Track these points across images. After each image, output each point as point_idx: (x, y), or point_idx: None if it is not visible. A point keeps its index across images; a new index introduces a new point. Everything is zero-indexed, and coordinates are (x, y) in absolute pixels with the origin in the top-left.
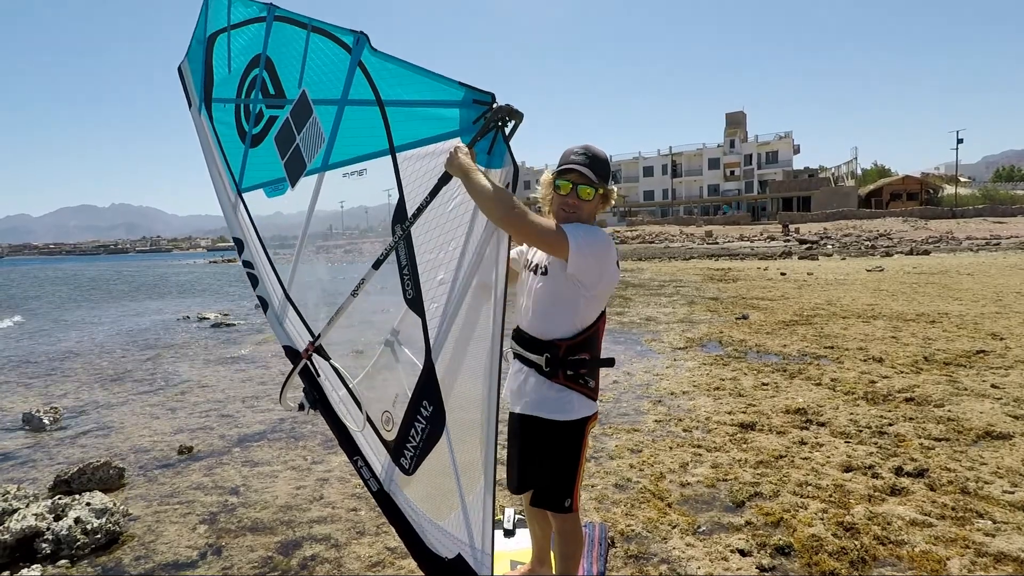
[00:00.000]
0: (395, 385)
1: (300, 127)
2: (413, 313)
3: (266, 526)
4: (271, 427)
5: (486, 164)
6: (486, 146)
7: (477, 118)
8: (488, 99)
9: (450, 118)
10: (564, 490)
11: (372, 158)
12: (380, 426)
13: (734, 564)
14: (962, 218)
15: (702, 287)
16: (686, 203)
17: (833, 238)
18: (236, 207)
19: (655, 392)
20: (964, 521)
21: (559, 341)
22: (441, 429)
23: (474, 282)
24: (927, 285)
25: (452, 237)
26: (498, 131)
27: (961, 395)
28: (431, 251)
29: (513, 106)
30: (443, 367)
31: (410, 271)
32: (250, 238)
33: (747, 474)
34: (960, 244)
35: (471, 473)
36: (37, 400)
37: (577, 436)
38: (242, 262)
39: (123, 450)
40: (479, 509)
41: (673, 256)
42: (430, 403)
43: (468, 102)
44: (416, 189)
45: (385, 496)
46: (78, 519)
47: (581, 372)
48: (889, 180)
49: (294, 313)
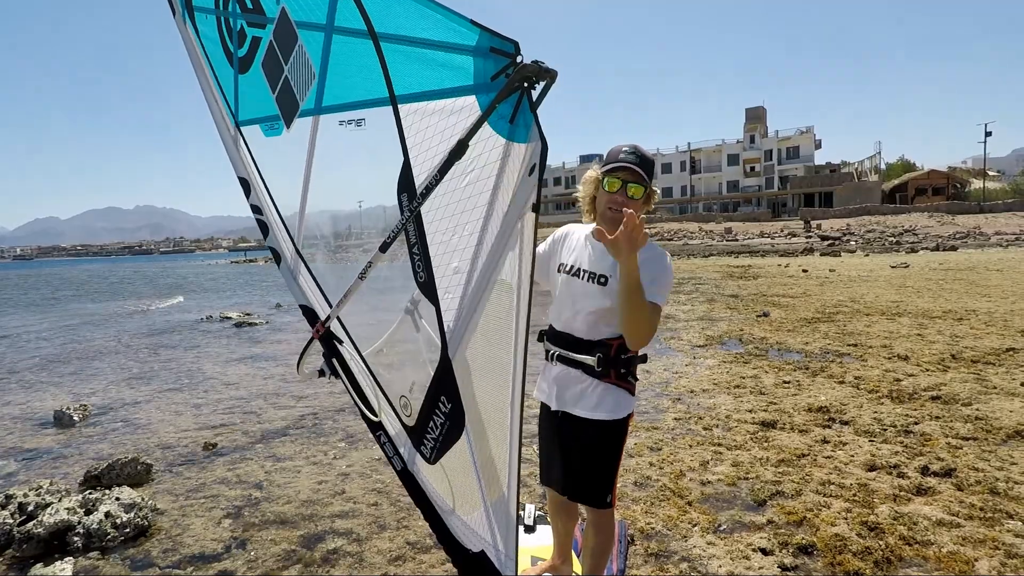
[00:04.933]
0: (413, 370)
1: (287, 55)
2: (426, 299)
3: (289, 520)
4: (293, 423)
5: (507, 135)
6: (508, 111)
7: (496, 73)
8: (510, 49)
9: (462, 68)
10: (606, 486)
11: (370, 106)
12: (399, 410)
13: (756, 563)
14: (990, 213)
15: (722, 284)
16: (705, 200)
17: (856, 234)
18: (237, 142)
19: (674, 390)
20: (993, 522)
21: (610, 340)
22: (461, 428)
23: (494, 278)
24: (954, 282)
25: (467, 220)
26: (524, 94)
27: (990, 393)
28: (443, 233)
29: (543, 63)
30: (461, 365)
31: (420, 251)
32: (255, 179)
33: (768, 473)
34: (988, 239)
35: (493, 476)
36: (67, 398)
37: (622, 433)
38: (250, 206)
39: (150, 446)
40: (503, 513)
41: (692, 253)
42: (448, 400)
43: (484, 50)
44: (423, 153)
45: (409, 476)
46: (108, 513)
47: (631, 370)
48: (914, 175)
49: (306, 271)
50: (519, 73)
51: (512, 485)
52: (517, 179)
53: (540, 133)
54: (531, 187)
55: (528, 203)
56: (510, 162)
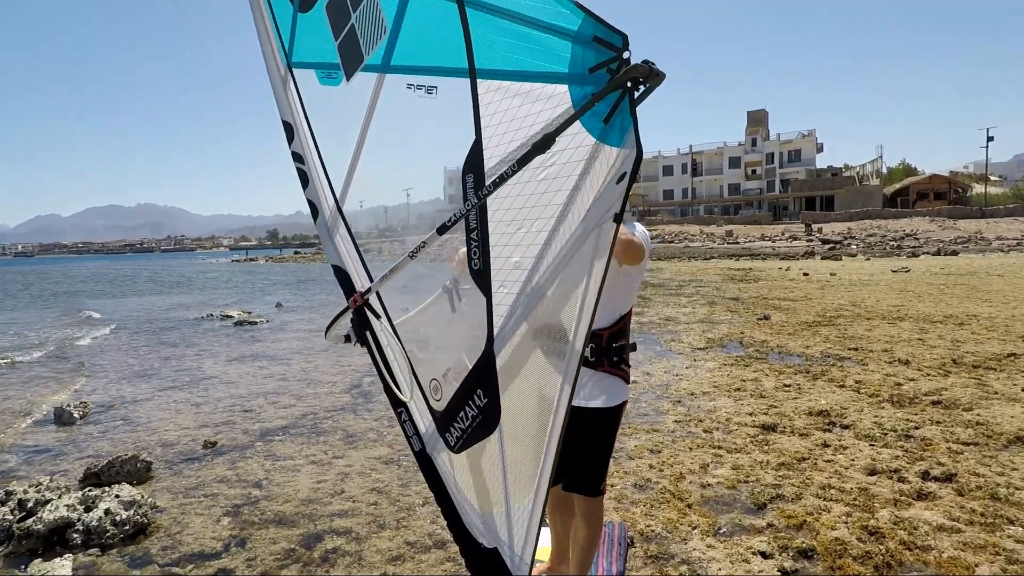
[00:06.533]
0: (449, 355)
1: (356, 2)
2: (478, 288)
3: (288, 519)
4: (293, 422)
5: (599, 135)
6: (604, 110)
7: (596, 66)
8: (617, 43)
9: (557, 53)
10: (600, 474)
11: (446, 75)
12: (428, 392)
13: (755, 566)
14: (992, 218)
15: (722, 287)
16: (706, 202)
17: (857, 238)
18: (286, 83)
19: (675, 392)
20: (994, 527)
21: (601, 330)
22: (494, 426)
23: (559, 281)
24: (955, 286)
25: (537, 216)
26: (626, 95)
27: (991, 399)
28: (507, 224)
29: (653, 64)
30: (507, 363)
31: (480, 238)
32: (301, 125)
33: (769, 476)
34: (990, 244)
35: (522, 482)
36: (67, 395)
37: (616, 421)
38: (291, 154)
39: (149, 444)
40: (525, 518)
41: (693, 256)
42: (485, 394)
43: (586, 37)
44: (498, 136)
45: (427, 459)
46: (108, 510)
47: (624, 358)
48: (916, 179)
49: (345, 232)
50: (628, 73)
51: (541, 493)
52: (602, 184)
53: (637, 140)
54: (617, 196)
55: (610, 212)
56: (597, 164)
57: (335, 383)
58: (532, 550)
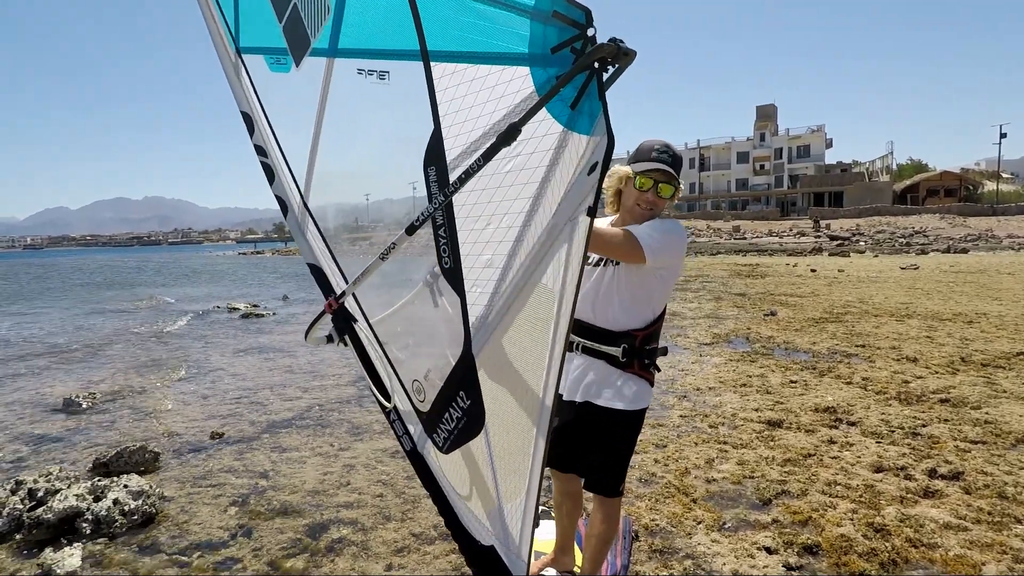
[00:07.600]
0: (429, 356)
1: None
2: (451, 288)
3: (295, 509)
4: (299, 414)
5: (566, 122)
6: (570, 95)
7: (558, 45)
8: (580, 18)
9: (515, 30)
10: (620, 476)
11: (396, 57)
12: (412, 394)
13: (760, 561)
14: (1003, 215)
15: (729, 283)
16: (713, 197)
17: (866, 235)
18: (238, 71)
19: (680, 387)
20: (1001, 526)
21: (635, 331)
22: (480, 426)
23: (533, 280)
24: (965, 284)
25: (505, 211)
26: (593, 77)
27: (1000, 397)
28: (475, 220)
29: (621, 41)
30: (486, 363)
31: (448, 235)
32: (259, 116)
33: (774, 472)
34: (1001, 242)
35: (512, 481)
36: (76, 385)
37: (639, 423)
38: (254, 147)
39: (157, 434)
40: (518, 516)
41: (700, 251)
42: (468, 396)
43: (545, 13)
44: (459, 124)
45: (419, 458)
46: (116, 500)
47: (654, 361)
48: (926, 175)
49: (314, 228)
50: (594, 53)
51: (532, 491)
52: (572, 175)
53: (608, 126)
54: (589, 188)
55: (583, 205)
56: (566, 154)
57: (341, 376)
58: (528, 548)
